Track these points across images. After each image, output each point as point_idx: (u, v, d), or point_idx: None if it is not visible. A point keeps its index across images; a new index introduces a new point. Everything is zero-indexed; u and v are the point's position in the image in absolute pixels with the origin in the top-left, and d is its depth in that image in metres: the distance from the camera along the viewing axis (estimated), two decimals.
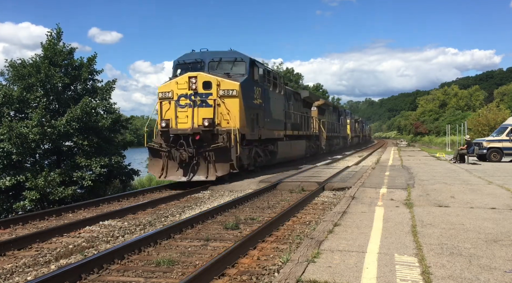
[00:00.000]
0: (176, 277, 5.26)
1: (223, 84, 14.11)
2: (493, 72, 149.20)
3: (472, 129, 40.88)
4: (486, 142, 23.19)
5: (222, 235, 7.41)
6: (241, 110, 14.33)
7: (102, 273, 5.45)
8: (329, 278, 4.31)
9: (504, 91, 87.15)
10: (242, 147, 14.39)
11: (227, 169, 13.48)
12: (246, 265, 5.66)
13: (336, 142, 38.50)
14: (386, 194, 10.27)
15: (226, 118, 13.86)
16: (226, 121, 13.89)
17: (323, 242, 5.70)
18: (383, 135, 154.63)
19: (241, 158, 14.41)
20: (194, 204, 10.90)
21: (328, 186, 13.14)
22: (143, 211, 9.99)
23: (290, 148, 20.94)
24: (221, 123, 13.97)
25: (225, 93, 14.05)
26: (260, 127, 16.11)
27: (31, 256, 6.32)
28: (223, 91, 14.03)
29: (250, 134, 15.17)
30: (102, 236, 7.48)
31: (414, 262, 4.82)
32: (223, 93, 14.02)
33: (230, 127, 13.68)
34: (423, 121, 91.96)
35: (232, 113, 13.92)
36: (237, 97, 14.10)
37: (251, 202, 10.86)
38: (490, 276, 4.33)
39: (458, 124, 42.26)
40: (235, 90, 14.06)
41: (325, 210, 9.69)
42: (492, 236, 5.99)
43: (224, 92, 14.04)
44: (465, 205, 8.64)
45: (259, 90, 16.09)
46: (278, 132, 18.64)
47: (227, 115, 13.92)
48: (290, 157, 21.63)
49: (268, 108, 17.22)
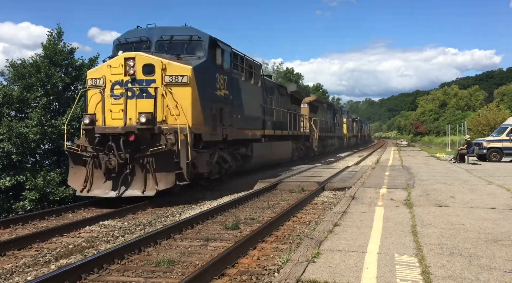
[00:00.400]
0: (176, 277, 5.26)
1: (170, 68, 10.86)
2: (493, 72, 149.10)
3: (472, 129, 40.88)
4: (486, 142, 23.20)
5: (222, 235, 7.41)
6: (195, 102, 11.03)
7: (102, 273, 5.44)
8: (329, 278, 4.31)
9: (504, 91, 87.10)
10: (198, 150, 11.29)
11: (171, 180, 10.14)
12: (246, 265, 5.67)
13: (331, 143, 35.46)
14: (386, 194, 10.27)
15: (174, 113, 10.58)
16: (174, 116, 10.59)
17: (323, 242, 5.70)
18: (383, 135, 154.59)
19: (197, 164, 11.22)
20: (194, 204, 10.90)
21: (328, 186, 13.15)
22: (143, 211, 10.00)
23: (271, 151, 17.80)
24: (167, 119, 10.79)
25: (173, 80, 10.80)
26: (225, 125, 12.83)
27: (31, 256, 6.32)
28: (170, 77, 10.79)
29: (210, 134, 11.88)
30: (102, 236, 7.48)
31: (414, 262, 4.82)
32: (170, 80, 10.79)
33: (180, 125, 10.43)
34: (423, 121, 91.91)
35: (183, 106, 10.71)
36: (188, 85, 10.81)
37: (251, 202, 10.86)
38: (490, 276, 4.33)
39: (458, 124, 42.26)
40: (187, 76, 10.79)
41: (325, 210, 9.69)
42: (492, 236, 5.99)
43: (172, 79, 10.79)
44: (465, 205, 8.64)
45: (225, 79, 12.84)
46: (254, 132, 15.50)
47: (175, 108, 10.64)
48: (271, 161, 18.38)
49: (239, 102, 14.01)
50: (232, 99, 13.42)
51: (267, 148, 17.26)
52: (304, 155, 24.98)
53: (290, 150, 21.08)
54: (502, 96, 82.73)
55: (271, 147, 17.79)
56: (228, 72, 13.14)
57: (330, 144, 35.03)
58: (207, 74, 11.79)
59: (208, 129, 11.79)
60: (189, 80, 10.87)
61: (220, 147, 13.01)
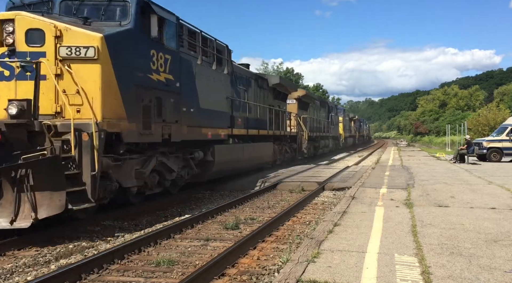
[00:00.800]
0: (176, 277, 5.26)
1: (68, 35, 7.55)
2: (493, 72, 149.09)
3: (472, 129, 40.90)
4: (486, 142, 23.21)
5: (222, 235, 7.41)
6: (109, 86, 7.74)
7: (102, 273, 5.44)
8: (329, 278, 4.31)
9: (504, 91, 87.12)
10: (116, 157, 8.22)
11: (59, 203, 6.69)
12: (246, 265, 5.67)
13: (324, 144, 32.10)
14: (386, 194, 10.27)
15: (75, 102, 7.49)
16: (75, 107, 7.47)
17: (323, 242, 5.70)
18: (383, 135, 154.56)
19: (116, 177, 8.26)
20: (194, 204, 10.90)
21: (328, 186, 13.15)
22: (143, 211, 9.97)
23: (242, 154, 14.40)
24: (63, 111, 7.53)
25: (73, 54, 7.48)
26: (168, 121, 9.42)
27: (31, 256, 6.31)
28: (68, 49, 7.48)
29: (139, 133, 8.54)
30: (102, 236, 7.47)
31: (414, 262, 4.82)
32: (68, 52, 7.47)
33: (83, 120, 7.39)
34: (423, 121, 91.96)
35: (88, 92, 7.47)
36: (97, 61, 7.53)
37: (251, 202, 10.86)
38: (490, 276, 4.33)
39: (458, 124, 42.26)
40: (93, 49, 7.46)
41: (325, 210, 9.69)
42: (492, 236, 5.99)
43: (71, 52, 7.47)
44: (465, 205, 8.65)
45: (167, 59, 9.37)
46: (216, 131, 12.15)
47: (76, 95, 7.48)
48: (243, 167, 15.02)
49: (192, 91, 10.59)
50: (180, 87, 9.81)
51: (236, 152, 14.00)
52: (291, 159, 21.90)
53: (270, 153, 17.78)
54: (502, 96, 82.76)
55: (242, 150, 14.48)
56: (173, 51, 9.61)
57: (324, 145, 31.89)
58: (132, 49, 8.39)
59: (135, 126, 8.35)
60: (97, 54, 7.48)
61: (161, 151, 9.70)
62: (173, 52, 9.77)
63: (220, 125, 12.65)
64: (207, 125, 11.65)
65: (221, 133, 12.68)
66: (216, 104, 12.30)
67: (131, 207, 9.83)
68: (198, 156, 11.46)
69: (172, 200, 10.93)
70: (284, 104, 21.47)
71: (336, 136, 39.56)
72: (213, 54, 12.36)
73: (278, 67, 68.71)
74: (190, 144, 11.05)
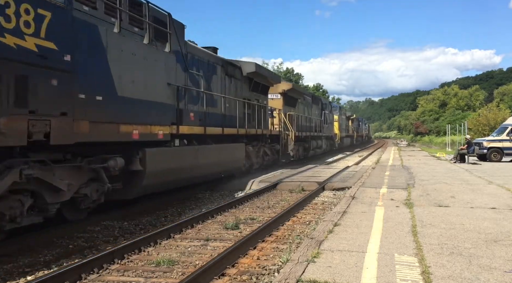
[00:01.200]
0: (176, 277, 5.26)
1: None
2: (493, 72, 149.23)
3: (472, 129, 40.92)
4: (487, 142, 23.20)
5: (222, 235, 7.41)
6: None
7: (102, 273, 5.45)
8: (329, 278, 4.31)
9: (504, 91, 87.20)
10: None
11: None
12: (246, 265, 5.67)
13: (316, 145, 28.93)
14: (386, 194, 10.27)
15: None
16: None
17: (323, 242, 5.70)
18: (383, 135, 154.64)
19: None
20: (194, 204, 10.90)
21: (328, 186, 13.15)
22: (143, 211, 9.98)
23: (195, 160, 10.77)
24: None
25: None
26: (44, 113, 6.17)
27: (31, 256, 6.31)
28: None
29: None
30: (102, 236, 7.48)
31: (414, 262, 4.82)
32: None
33: None
34: (423, 121, 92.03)
35: None
36: None
37: (251, 202, 10.86)
38: (490, 276, 4.33)
39: (458, 124, 42.28)
40: None
41: (325, 210, 9.69)
42: (492, 236, 5.99)
43: None
44: (465, 205, 8.64)
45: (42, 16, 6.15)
46: (149, 129, 8.87)
47: None
48: (196, 177, 11.36)
49: (101, 71, 7.48)
50: (73, 63, 6.70)
51: (185, 157, 10.41)
52: (272, 162, 18.59)
53: (242, 156, 14.40)
54: (502, 96, 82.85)
55: (196, 155, 10.85)
56: (56, 5, 6.40)
57: (316, 146, 28.74)
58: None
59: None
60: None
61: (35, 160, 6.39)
62: (57, 8, 6.42)
63: (157, 121, 9.17)
64: (132, 120, 8.28)
65: (158, 132, 9.21)
66: (150, 92, 8.91)
67: (131, 207, 9.84)
68: (116, 165, 7.83)
69: (172, 200, 10.94)
70: (265, 98, 18.36)
71: (331, 136, 36.36)
72: (147, 23, 9.11)
73: (278, 67, 68.90)
74: (94, 148, 7.72)
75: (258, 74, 16.44)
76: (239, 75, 15.39)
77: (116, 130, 7.85)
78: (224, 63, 14.21)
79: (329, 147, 35.39)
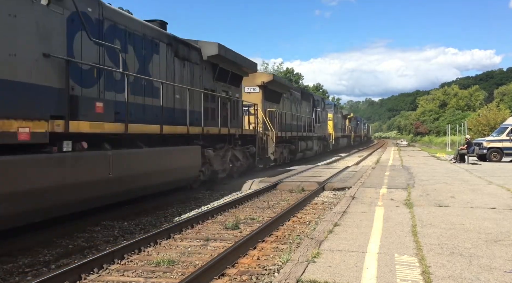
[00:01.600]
0: (176, 277, 5.25)
1: None
2: (493, 72, 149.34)
3: (472, 129, 40.92)
4: (486, 142, 23.21)
5: (222, 235, 7.41)
6: None
7: (102, 273, 5.44)
8: (329, 278, 4.31)
9: (504, 91, 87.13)
10: None
11: None
12: (246, 265, 5.67)
13: (306, 146, 25.46)
14: (386, 194, 10.27)
15: None
16: None
17: (323, 242, 5.70)
18: (383, 135, 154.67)
19: None
20: (194, 204, 10.90)
21: (328, 186, 13.15)
22: (143, 211, 9.98)
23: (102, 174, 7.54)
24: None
25: None
26: None
27: (31, 256, 6.31)
28: None
29: None
30: (102, 236, 7.47)
31: (414, 262, 4.82)
32: None
33: None
34: (423, 121, 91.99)
35: None
36: None
37: (251, 202, 10.86)
38: (490, 276, 4.33)
39: (458, 124, 42.29)
40: None
41: (325, 210, 9.69)
42: (492, 236, 5.99)
43: None
44: (465, 205, 8.64)
45: None
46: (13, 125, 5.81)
47: None
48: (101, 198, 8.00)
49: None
50: None
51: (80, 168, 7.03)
52: (246, 168, 15.92)
53: (195, 164, 11.26)
54: (502, 96, 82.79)
55: (106, 164, 7.63)
56: None
57: (305, 147, 25.30)
58: None
59: None
60: None
61: None
62: None
63: (16, 112, 5.95)
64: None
65: (18, 130, 5.91)
66: None
67: (131, 207, 9.83)
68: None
69: (172, 200, 10.94)
70: (237, 90, 15.25)
71: (324, 136, 32.64)
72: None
73: (278, 67, 68.81)
74: None
75: (224, 58, 13.03)
76: (198, 59, 12.15)
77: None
78: (173, 41, 10.86)
79: (322, 148, 31.97)
